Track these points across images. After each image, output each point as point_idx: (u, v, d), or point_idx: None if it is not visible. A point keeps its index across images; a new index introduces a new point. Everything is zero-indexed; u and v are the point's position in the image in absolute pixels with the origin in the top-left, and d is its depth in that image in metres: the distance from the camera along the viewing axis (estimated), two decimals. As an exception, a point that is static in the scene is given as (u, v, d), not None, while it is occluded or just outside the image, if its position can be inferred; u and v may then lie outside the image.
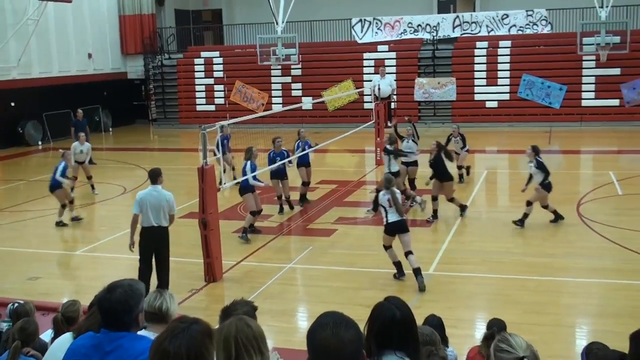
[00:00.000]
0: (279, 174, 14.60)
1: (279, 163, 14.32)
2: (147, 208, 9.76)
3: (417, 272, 10.16)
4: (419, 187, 15.24)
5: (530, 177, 13.32)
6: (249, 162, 13.00)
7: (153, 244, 9.95)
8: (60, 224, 14.62)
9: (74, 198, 15.15)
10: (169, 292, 4.90)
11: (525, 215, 13.02)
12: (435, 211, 13.99)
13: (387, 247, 10.59)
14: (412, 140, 15.32)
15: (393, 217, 10.30)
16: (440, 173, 14.01)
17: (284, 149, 14.84)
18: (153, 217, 9.78)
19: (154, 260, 10.03)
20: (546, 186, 12.98)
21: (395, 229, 10.38)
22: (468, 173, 17.78)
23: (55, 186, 14.66)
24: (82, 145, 17.85)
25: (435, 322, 5.75)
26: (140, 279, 9.35)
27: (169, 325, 3.03)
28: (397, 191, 10.62)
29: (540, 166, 12.97)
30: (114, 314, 3.62)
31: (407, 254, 10.32)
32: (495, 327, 5.79)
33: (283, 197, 15.01)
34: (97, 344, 3.64)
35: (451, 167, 14.76)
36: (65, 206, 14.71)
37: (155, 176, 10.04)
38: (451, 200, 14.05)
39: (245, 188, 13.07)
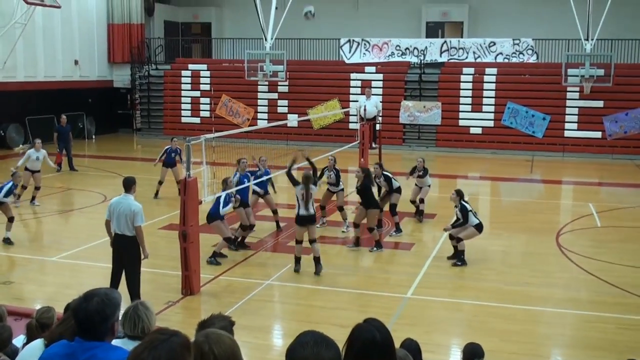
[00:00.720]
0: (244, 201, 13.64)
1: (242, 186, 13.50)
2: (114, 215, 9.70)
3: (316, 260, 11.71)
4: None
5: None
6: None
7: (117, 252, 9.86)
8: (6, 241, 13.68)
9: (13, 217, 14.09)
10: (143, 307, 4.81)
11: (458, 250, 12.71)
12: (357, 239, 13.54)
13: (298, 242, 11.86)
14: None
15: (303, 210, 11.72)
16: (366, 200, 13.63)
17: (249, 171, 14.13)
18: (117, 225, 9.70)
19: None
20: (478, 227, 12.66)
21: (305, 221, 11.80)
22: (421, 215, 16.11)
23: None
24: (38, 152, 17.45)
25: (412, 347, 5.70)
26: (111, 284, 9.50)
27: (148, 337, 3.00)
28: (314, 187, 11.93)
29: (463, 210, 12.56)
30: (90, 323, 3.56)
31: (312, 242, 11.80)
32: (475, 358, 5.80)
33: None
34: (70, 353, 3.57)
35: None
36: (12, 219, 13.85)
37: (129, 184, 9.90)
38: (370, 229, 13.44)
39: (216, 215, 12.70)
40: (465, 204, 12.63)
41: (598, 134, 27.11)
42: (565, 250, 13.47)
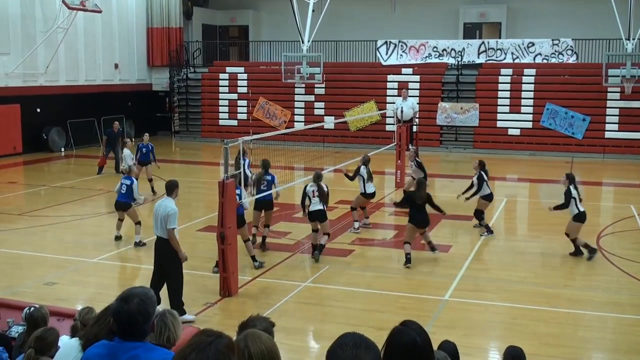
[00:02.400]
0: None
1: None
2: (154, 218, 9.88)
3: (319, 247, 12.62)
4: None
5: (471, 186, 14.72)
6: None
7: (156, 255, 9.97)
8: (140, 244, 13.77)
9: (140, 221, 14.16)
10: (171, 316, 4.82)
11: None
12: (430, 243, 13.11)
13: (314, 230, 12.81)
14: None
15: (314, 206, 12.56)
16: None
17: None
18: (154, 227, 9.87)
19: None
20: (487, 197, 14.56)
21: (315, 217, 12.59)
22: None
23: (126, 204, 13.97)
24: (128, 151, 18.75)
25: (449, 349, 5.66)
26: (151, 285, 9.50)
27: (194, 339, 3.02)
28: (324, 185, 12.68)
29: (480, 179, 14.37)
30: (134, 324, 3.59)
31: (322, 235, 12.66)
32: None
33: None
34: (112, 353, 3.61)
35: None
36: (139, 224, 13.95)
37: (171, 188, 10.05)
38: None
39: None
40: (484, 174, 14.31)
41: (639, 135, 26.66)
42: (606, 252, 13.28)
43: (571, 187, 13.03)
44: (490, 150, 27.50)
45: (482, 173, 14.53)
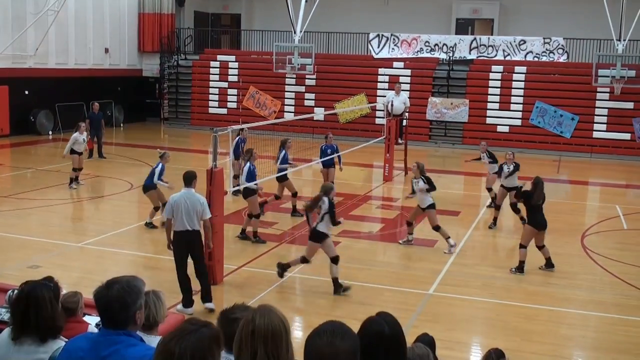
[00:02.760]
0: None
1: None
2: (182, 212, 9.48)
3: (336, 282, 10.49)
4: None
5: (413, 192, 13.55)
6: (248, 164, 13.16)
7: (186, 248, 9.67)
8: (150, 225, 13.98)
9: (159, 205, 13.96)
10: (155, 296, 4.89)
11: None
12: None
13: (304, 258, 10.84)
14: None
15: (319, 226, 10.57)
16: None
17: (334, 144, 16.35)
18: (187, 221, 9.50)
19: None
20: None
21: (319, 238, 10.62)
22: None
23: (150, 187, 14.04)
24: (82, 135, 18.06)
25: (426, 341, 5.61)
26: (181, 287, 9.57)
27: (179, 326, 3.01)
28: (324, 200, 10.54)
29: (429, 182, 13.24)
30: (110, 311, 3.57)
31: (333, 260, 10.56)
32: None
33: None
34: (94, 347, 3.58)
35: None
36: (158, 208, 13.84)
37: (190, 179, 9.74)
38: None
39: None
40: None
41: (627, 136, 26.82)
42: (590, 251, 13.36)
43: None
44: (478, 146, 27.48)
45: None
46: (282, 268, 10.93)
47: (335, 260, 10.53)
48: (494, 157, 16.66)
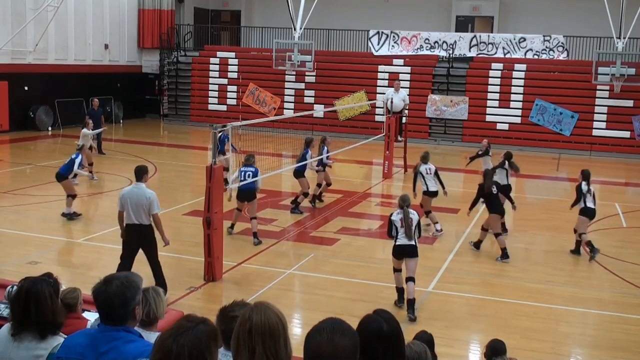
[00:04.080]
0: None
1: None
2: (129, 206, 9.51)
3: (410, 303, 9.49)
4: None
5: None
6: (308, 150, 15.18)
7: (135, 242, 9.71)
8: (68, 215, 14.36)
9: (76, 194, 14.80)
10: (154, 292, 4.90)
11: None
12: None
13: (396, 270, 10.02)
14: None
15: (402, 239, 9.77)
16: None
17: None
18: (134, 214, 9.52)
19: (136, 256, 9.90)
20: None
21: (403, 253, 9.79)
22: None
23: (66, 176, 14.60)
24: (90, 130, 18.62)
25: (425, 338, 5.62)
26: (119, 269, 9.21)
27: (176, 323, 3.00)
28: (413, 212, 9.93)
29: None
30: (110, 307, 3.57)
31: (407, 279, 9.72)
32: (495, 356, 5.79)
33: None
34: (92, 344, 3.59)
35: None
36: (75, 197, 14.55)
37: (140, 173, 9.72)
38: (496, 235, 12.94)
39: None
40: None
41: (627, 134, 26.83)
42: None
43: (583, 183, 13.26)
44: (478, 144, 27.44)
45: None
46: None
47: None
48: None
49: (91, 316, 5.68)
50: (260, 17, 35.99)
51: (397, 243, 9.79)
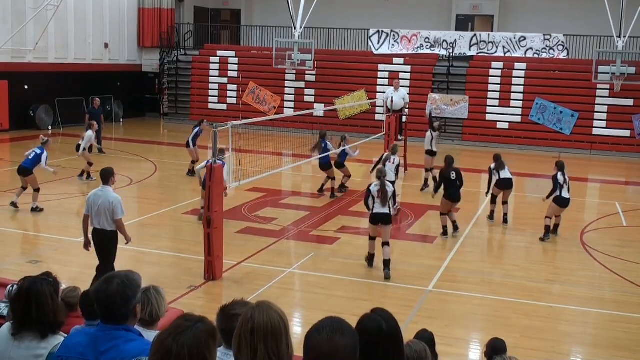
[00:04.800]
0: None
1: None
2: (93, 210, 9.20)
3: (386, 263, 11.09)
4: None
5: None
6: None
7: (97, 246, 9.41)
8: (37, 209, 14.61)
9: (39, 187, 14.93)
10: (155, 291, 4.89)
11: (547, 228, 13.82)
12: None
13: (371, 238, 11.50)
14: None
15: (378, 208, 11.19)
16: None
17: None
18: (96, 219, 9.21)
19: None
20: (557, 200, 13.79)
21: (379, 220, 11.25)
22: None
23: (31, 171, 14.77)
24: (94, 133, 18.69)
25: (426, 337, 5.61)
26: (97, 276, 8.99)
27: (174, 323, 2.99)
28: (389, 184, 11.52)
29: (554, 179, 13.83)
30: (112, 306, 3.56)
31: (384, 244, 11.18)
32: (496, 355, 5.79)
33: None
34: (93, 343, 3.58)
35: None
36: (39, 190, 14.79)
37: (107, 176, 9.36)
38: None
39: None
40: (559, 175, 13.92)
41: (627, 133, 26.81)
42: (590, 248, 13.37)
43: (559, 174, 13.76)
44: (478, 143, 27.57)
45: (492, 165, 15.30)
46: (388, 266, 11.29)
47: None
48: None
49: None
50: (261, 16, 35.98)
51: (374, 211, 11.27)
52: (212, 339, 2.96)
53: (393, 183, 14.43)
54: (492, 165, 15.16)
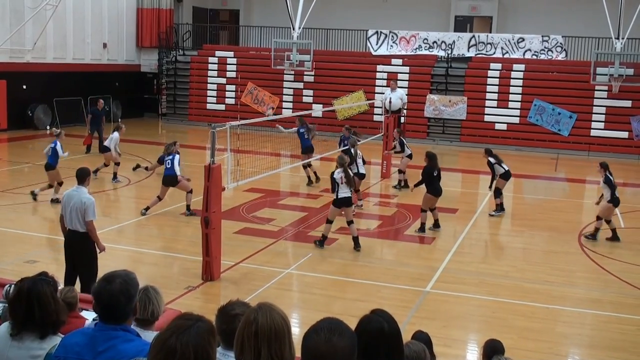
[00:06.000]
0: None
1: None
2: (65, 210, 8.98)
3: (355, 240, 12.53)
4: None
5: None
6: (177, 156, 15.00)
7: (69, 249, 9.11)
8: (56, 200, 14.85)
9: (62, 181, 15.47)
10: (154, 290, 4.89)
11: (597, 230, 14.02)
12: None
13: (330, 221, 12.61)
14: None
15: (343, 192, 12.36)
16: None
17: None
18: (68, 219, 8.96)
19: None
20: (614, 200, 13.92)
21: (343, 203, 12.45)
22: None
23: (53, 166, 15.37)
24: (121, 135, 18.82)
25: (422, 338, 5.58)
26: (65, 282, 8.70)
27: (173, 322, 2.99)
28: (350, 171, 12.68)
29: (608, 181, 13.98)
30: (115, 305, 3.57)
31: (349, 223, 12.63)
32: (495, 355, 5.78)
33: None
34: (90, 343, 3.58)
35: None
36: (61, 184, 15.17)
37: (82, 177, 9.12)
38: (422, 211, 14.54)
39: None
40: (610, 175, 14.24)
41: (625, 134, 26.83)
42: (587, 249, 13.38)
43: (490, 159, 14.91)
44: (476, 144, 27.53)
45: (491, 159, 15.82)
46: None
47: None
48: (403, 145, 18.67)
49: (89, 315, 5.69)
50: (259, 17, 35.98)
51: (340, 196, 12.41)
52: (212, 337, 2.98)
53: (363, 175, 15.92)
54: (492, 160, 15.27)
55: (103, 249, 9.25)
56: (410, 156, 18.49)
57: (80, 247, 9.02)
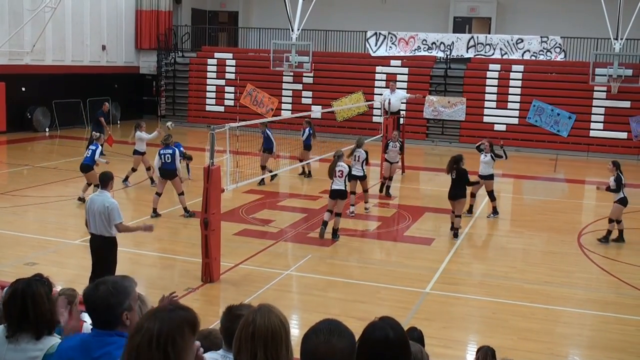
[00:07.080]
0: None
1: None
2: (89, 214, 9.08)
3: (335, 231, 13.24)
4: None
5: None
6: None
7: (93, 254, 9.23)
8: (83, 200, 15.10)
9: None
10: (139, 300, 4.77)
11: (609, 232, 13.90)
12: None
13: (328, 210, 13.32)
14: (491, 156, 16.36)
15: (337, 185, 13.14)
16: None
17: None
18: (92, 224, 9.07)
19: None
20: (622, 201, 13.80)
21: (337, 195, 13.17)
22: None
23: (90, 166, 15.63)
24: (147, 135, 18.57)
25: (415, 336, 5.46)
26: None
27: (154, 308, 2.98)
28: (344, 165, 13.40)
29: (618, 180, 13.85)
30: (97, 312, 3.54)
31: (337, 214, 13.33)
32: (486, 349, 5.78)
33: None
34: (85, 348, 3.54)
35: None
36: (91, 185, 15.44)
37: (105, 181, 9.21)
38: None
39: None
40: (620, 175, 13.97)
41: (624, 135, 26.84)
42: (587, 250, 13.38)
43: (618, 173, 13.96)
44: (475, 145, 27.52)
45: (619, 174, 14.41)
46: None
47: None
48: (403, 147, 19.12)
49: (88, 318, 5.67)
50: (258, 18, 35.98)
51: (333, 188, 13.22)
52: (188, 327, 2.86)
53: (362, 177, 15.66)
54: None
55: (149, 228, 9.68)
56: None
57: (105, 252, 9.15)
